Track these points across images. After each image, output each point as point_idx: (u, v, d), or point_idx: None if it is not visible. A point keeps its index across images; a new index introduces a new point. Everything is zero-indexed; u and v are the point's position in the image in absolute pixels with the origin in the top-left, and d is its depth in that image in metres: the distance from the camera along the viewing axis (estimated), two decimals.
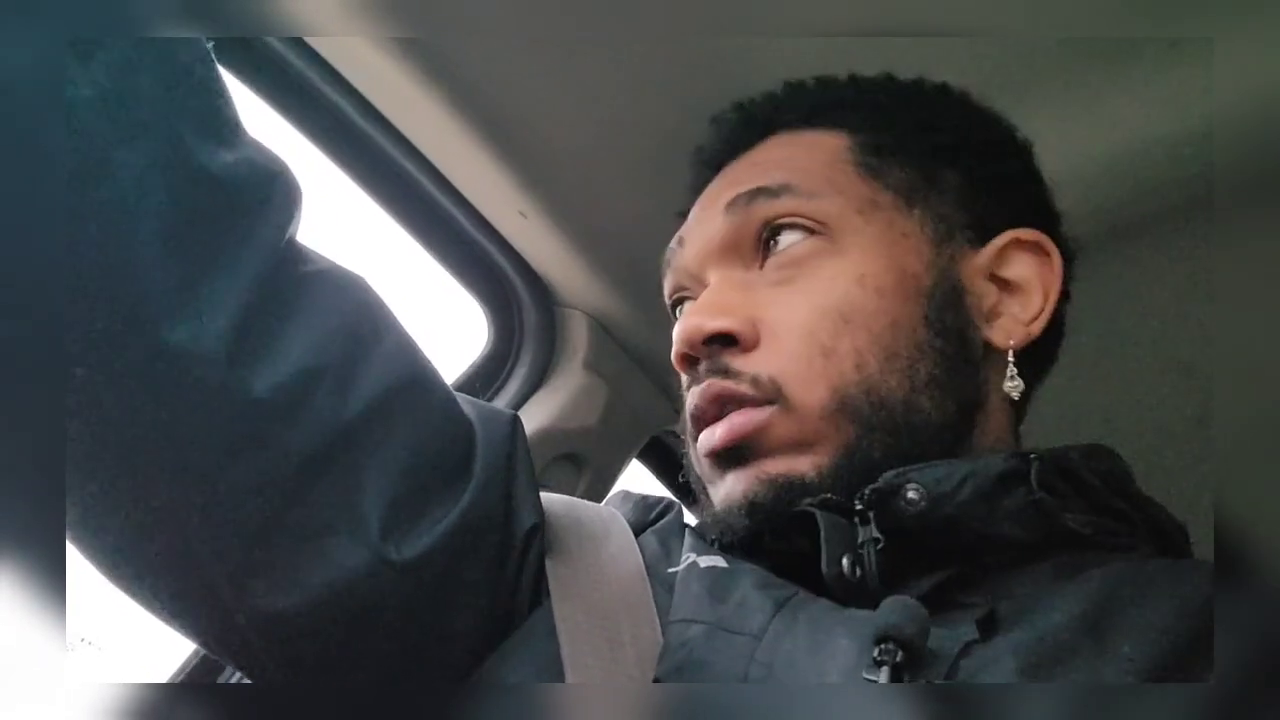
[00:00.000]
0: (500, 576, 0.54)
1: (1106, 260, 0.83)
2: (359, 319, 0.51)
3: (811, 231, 0.58)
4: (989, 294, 0.59)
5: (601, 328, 1.00)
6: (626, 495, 0.65)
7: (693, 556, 0.54)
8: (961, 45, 0.74)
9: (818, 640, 0.46)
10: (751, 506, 0.54)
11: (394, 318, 0.53)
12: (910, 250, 0.58)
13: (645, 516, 0.61)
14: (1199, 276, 0.61)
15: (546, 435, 0.96)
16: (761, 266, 0.60)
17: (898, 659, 0.42)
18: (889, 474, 0.51)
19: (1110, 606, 0.45)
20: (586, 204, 0.90)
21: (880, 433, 0.54)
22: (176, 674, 0.84)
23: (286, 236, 0.48)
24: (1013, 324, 0.58)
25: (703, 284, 0.62)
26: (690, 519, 0.62)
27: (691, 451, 0.60)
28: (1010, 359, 0.57)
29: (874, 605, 0.47)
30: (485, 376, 0.97)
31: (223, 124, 0.46)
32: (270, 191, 0.47)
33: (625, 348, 1.02)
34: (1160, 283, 0.67)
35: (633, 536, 0.58)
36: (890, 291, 0.56)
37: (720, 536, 0.56)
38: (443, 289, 0.96)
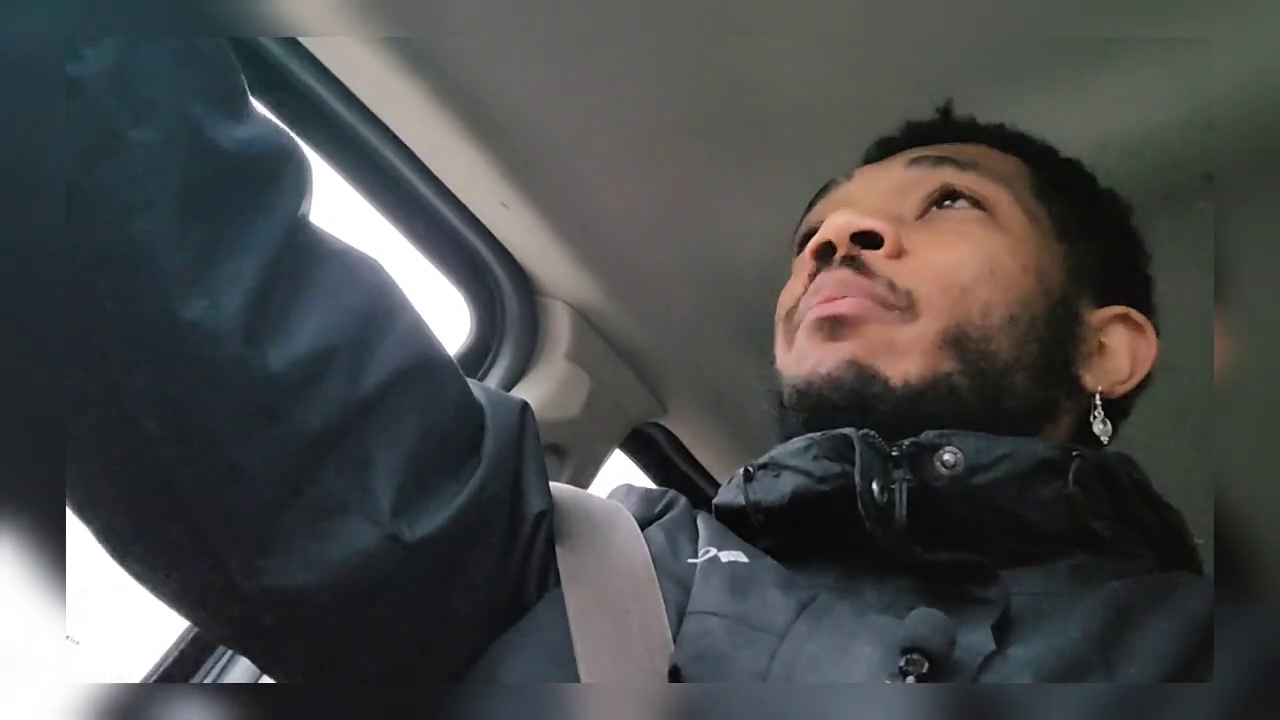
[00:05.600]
0: (509, 560, 0.54)
1: None
2: (374, 298, 0.50)
3: (981, 208, 0.62)
4: (1092, 344, 0.62)
5: (584, 318, 1.00)
6: (630, 489, 0.65)
7: (713, 550, 0.54)
8: (962, 44, 0.75)
9: (842, 645, 0.46)
10: (828, 382, 0.56)
11: (407, 299, 0.53)
12: (1053, 264, 0.62)
13: (650, 510, 0.61)
14: (1196, 275, 0.63)
15: None
16: (919, 219, 0.63)
17: (923, 670, 0.43)
18: (931, 433, 0.53)
19: (1121, 625, 0.46)
20: (569, 195, 0.90)
21: (971, 380, 0.56)
22: (153, 670, 0.83)
23: (300, 212, 0.48)
24: (1103, 376, 0.62)
25: None
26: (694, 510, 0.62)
27: (782, 339, 0.63)
28: (1097, 402, 0.60)
29: (896, 546, 0.49)
30: (467, 367, 0.97)
31: (234, 99, 0.46)
32: (283, 167, 0.47)
33: (607, 338, 1.02)
34: (1158, 280, 0.69)
35: (639, 529, 0.58)
36: (1032, 274, 0.60)
37: (781, 415, 0.59)
38: (425, 279, 0.95)
